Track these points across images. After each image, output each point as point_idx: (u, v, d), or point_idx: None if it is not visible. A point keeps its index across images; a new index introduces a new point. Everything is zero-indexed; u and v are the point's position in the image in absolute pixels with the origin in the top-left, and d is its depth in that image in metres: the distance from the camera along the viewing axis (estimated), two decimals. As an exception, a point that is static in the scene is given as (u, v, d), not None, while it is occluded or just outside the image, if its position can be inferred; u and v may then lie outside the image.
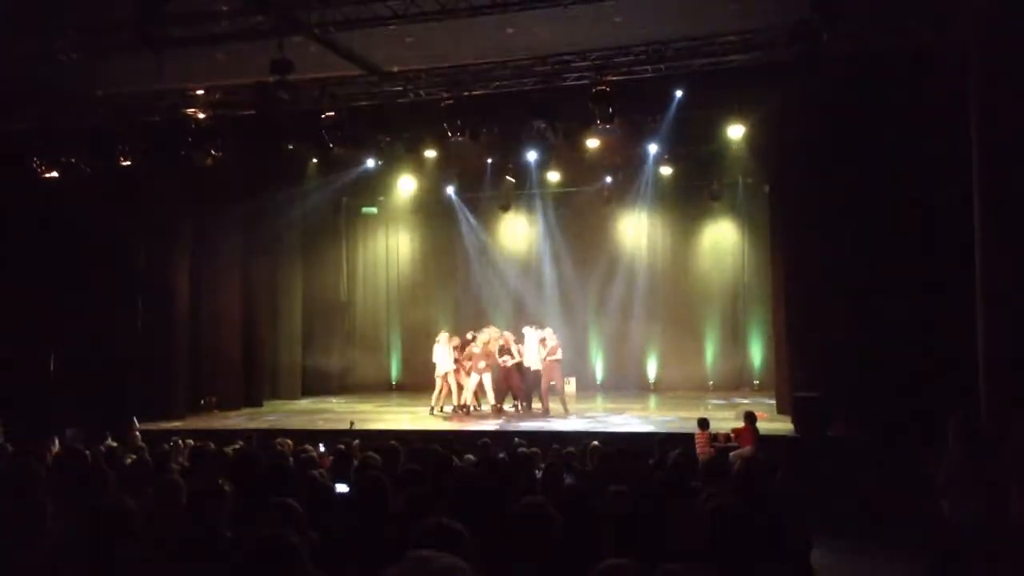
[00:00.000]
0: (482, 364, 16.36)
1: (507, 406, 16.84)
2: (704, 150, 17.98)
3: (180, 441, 11.06)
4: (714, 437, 11.90)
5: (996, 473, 6.81)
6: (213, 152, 14.55)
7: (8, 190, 15.07)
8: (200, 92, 14.48)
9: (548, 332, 16.81)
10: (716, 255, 20.76)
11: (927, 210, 12.19)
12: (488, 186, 20.62)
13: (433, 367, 16.94)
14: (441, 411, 16.74)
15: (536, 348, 16.53)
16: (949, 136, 10.99)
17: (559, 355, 16.33)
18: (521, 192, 20.82)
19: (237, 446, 9.71)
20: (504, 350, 16.49)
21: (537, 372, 16.49)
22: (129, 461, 7.44)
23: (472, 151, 16.83)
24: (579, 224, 21.41)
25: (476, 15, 11.10)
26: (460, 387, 16.62)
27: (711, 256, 20.83)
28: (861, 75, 12.53)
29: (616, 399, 19.30)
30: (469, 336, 17.07)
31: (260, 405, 18.55)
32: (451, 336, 17.14)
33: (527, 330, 17.09)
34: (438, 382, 16.84)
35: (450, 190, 21.45)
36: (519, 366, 16.51)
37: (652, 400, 19.23)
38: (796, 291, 14.85)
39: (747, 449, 11.02)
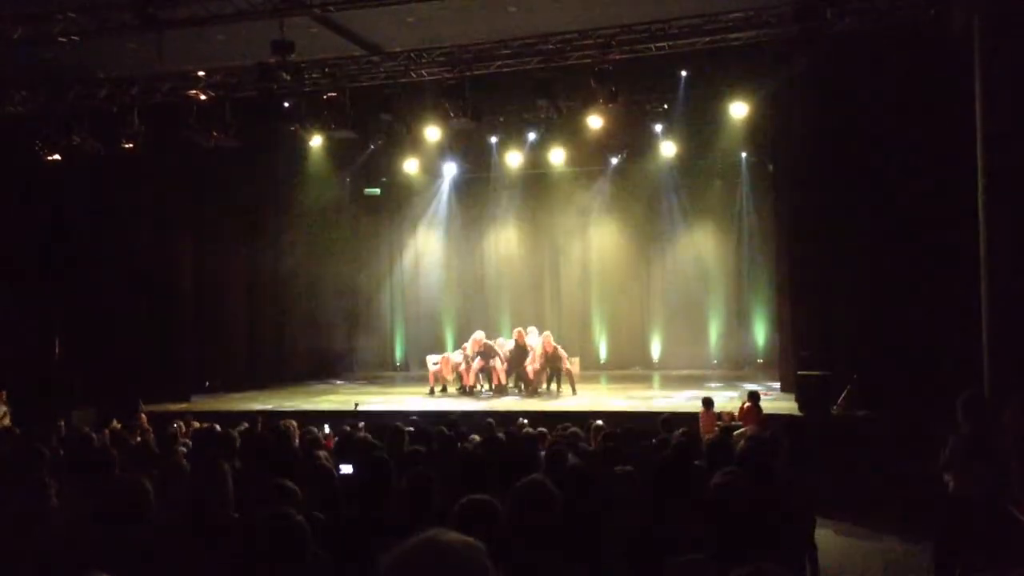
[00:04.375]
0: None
1: (511, 385, 16.88)
2: (707, 128, 17.90)
3: (185, 423, 11.10)
4: (718, 416, 11.90)
5: (999, 449, 6.81)
6: (215, 134, 14.54)
7: (11, 173, 15.06)
8: (201, 73, 14.45)
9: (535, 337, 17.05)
10: (719, 234, 20.71)
11: (931, 187, 12.14)
12: (491, 166, 20.54)
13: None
14: (443, 391, 16.76)
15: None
16: (954, 114, 10.94)
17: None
18: (524, 171, 20.73)
19: (242, 428, 9.73)
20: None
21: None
22: (134, 443, 7.47)
23: (475, 131, 16.78)
24: (582, 203, 21.34)
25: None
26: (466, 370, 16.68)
27: (714, 235, 20.78)
28: (865, 53, 12.47)
29: (620, 378, 19.33)
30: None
31: (265, 387, 18.58)
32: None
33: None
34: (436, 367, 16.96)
35: (452, 170, 21.37)
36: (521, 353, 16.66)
37: (656, 379, 19.24)
38: (799, 269, 14.83)
39: (751, 428, 11.02)
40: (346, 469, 6.32)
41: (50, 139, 14.62)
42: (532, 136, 18.78)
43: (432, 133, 16.22)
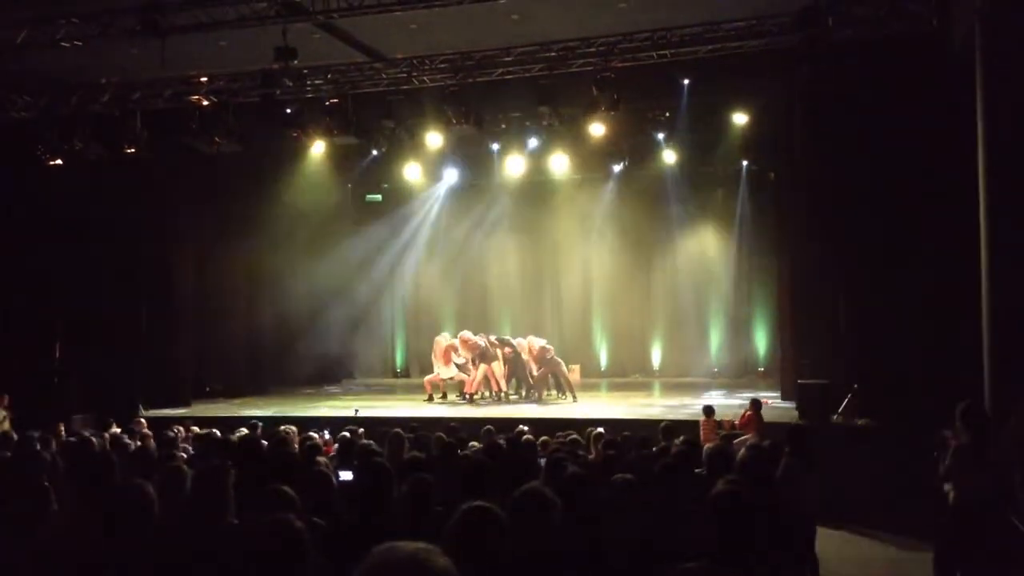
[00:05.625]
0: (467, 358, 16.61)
1: (512, 394, 16.88)
2: (709, 137, 17.92)
3: (185, 428, 11.08)
4: (719, 424, 11.88)
5: (999, 457, 6.81)
6: (217, 139, 14.55)
7: (13, 178, 15.07)
8: (204, 79, 14.47)
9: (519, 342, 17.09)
10: (721, 242, 20.73)
11: (933, 196, 12.15)
12: (492, 173, 20.55)
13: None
14: (443, 398, 16.76)
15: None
16: (956, 122, 10.94)
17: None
18: (525, 178, 20.73)
19: (242, 433, 9.73)
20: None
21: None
22: (134, 448, 7.47)
23: (476, 137, 16.80)
24: (584, 211, 21.37)
25: (481, 1, 11.06)
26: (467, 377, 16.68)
27: (716, 243, 20.80)
28: (867, 62, 12.48)
29: (620, 386, 19.33)
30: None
31: (266, 392, 18.58)
32: (443, 346, 17.10)
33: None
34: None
35: (454, 177, 21.35)
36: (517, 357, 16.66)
37: (656, 387, 19.24)
38: (801, 277, 14.83)
39: (752, 436, 11.01)
40: (346, 475, 6.31)
41: (52, 144, 14.63)
42: (534, 143, 18.79)
43: (434, 140, 16.23)
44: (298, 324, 20.29)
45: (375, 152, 19.13)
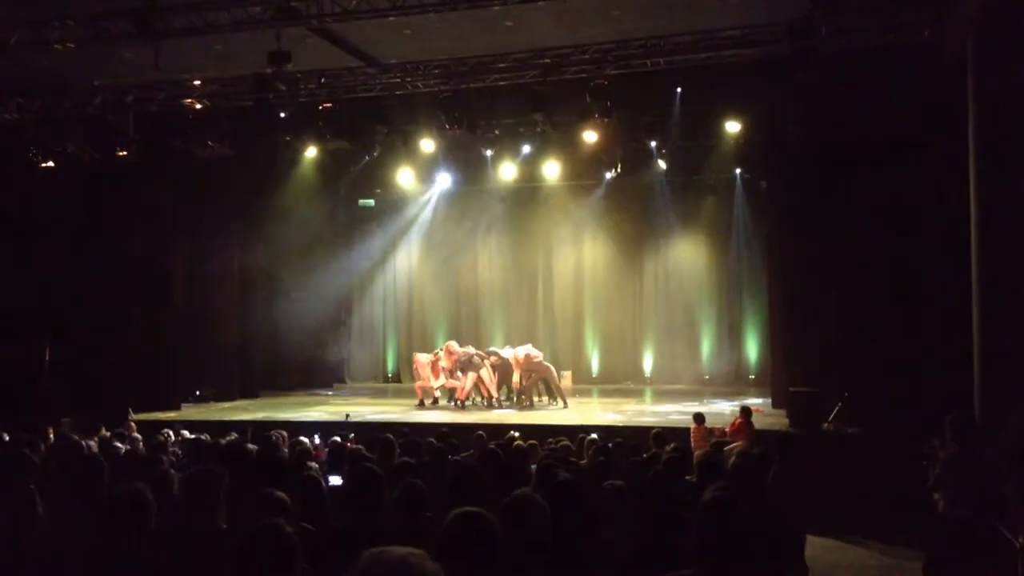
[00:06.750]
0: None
1: (504, 400, 16.88)
2: (701, 145, 17.96)
3: (174, 432, 11.05)
4: (710, 431, 11.89)
5: (990, 467, 6.83)
6: (210, 143, 14.54)
7: (4, 180, 15.02)
8: (197, 83, 14.45)
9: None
10: (713, 249, 20.75)
11: (925, 205, 12.20)
12: (485, 178, 20.54)
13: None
14: (434, 403, 16.76)
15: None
16: (948, 131, 10.99)
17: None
18: (518, 184, 20.73)
19: (232, 437, 9.70)
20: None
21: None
22: (123, 451, 7.44)
23: (469, 143, 16.82)
24: (576, 217, 21.38)
25: (475, 7, 11.08)
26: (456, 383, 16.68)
27: (708, 250, 20.82)
28: (860, 71, 12.53)
29: (612, 392, 19.32)
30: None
31: (256, 396, 18.54)
32: (424, 363, 17.13)
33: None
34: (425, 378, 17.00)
35: (446, 182, 21.35)
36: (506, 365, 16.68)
37: (648, 394, 19.24)
38: (792, 286, 14.88)
39: (743, 443, 11.02)
40: (336, 481, 6.30)
41: (44, 146, 14.60)
42: (527, 149, 18.80)
43: (427, 145, 16.26)
44: (289, 328, 20.26)
45: (368, 157, 19.13)
